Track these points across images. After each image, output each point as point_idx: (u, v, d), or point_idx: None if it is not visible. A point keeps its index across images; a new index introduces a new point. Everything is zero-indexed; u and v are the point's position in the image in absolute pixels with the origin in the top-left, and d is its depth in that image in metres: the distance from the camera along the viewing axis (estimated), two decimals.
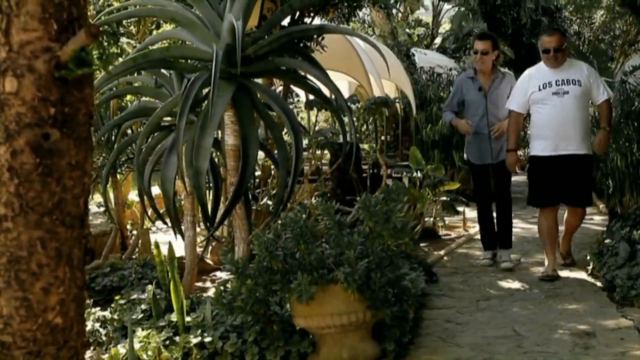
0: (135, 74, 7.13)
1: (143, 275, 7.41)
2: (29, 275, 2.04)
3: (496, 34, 23.59)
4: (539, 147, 7.64)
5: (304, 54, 6.86)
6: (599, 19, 26.13)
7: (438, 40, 23.12)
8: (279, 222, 5.24)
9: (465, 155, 8.89)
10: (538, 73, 7.76)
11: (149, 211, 7.55)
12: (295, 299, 4.82)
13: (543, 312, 6.31)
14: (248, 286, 4.90)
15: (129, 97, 8.58)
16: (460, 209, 10.31)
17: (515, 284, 7.46)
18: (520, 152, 9.63)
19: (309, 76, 6.53)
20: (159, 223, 9.72)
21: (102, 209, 9.73)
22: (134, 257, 8.46)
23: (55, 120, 2.02)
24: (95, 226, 9.62)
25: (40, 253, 2.04)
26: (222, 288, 5.31)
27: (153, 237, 8.88)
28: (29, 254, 2.02)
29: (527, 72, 7.97)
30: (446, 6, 23.16)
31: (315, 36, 8.76)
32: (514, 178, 17.78)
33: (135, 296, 5.95)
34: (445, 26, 24.66)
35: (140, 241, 8.55)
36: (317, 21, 9.94)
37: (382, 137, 13.99)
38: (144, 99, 7.40)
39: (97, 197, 10.06)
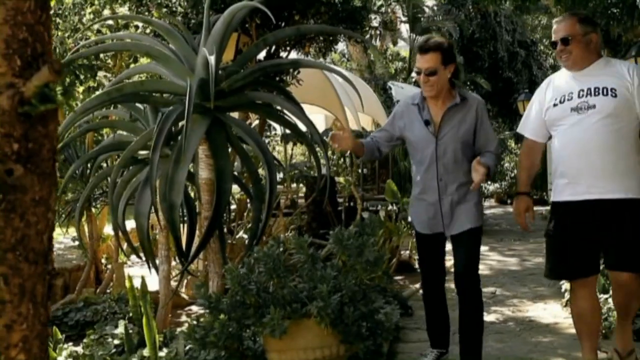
0: (112, 108, 7.13)
1: (117, 309, 7.36)
2: None
3: (473, 67, 24.05)
4: (560, 190, 5.12)
5: (279, 88, 6.88)
6: None
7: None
8: (254, 255, 5.22)
9: (409, 217, 6.48)
10: (557, 81, 5.24)
11: (124, 245, 7.51)
12: (269, 334, 4.80)
13: (517, 345, 6.32)
14: (221, 321, 4.88)
15: (105, 130, 8.57)
16: None
17: (490, 317, 7.47)
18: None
19: (284, 110, 6.56)
20: (134, 257, 9.68)
21: (76, 242, 9.68)
22: (108, 291, 8.41)
23: (19, 156, 2.01)
24: (69, 260, 9.57)
25: (3, 289, 2.01)
26: (194, 323, 5.27)
27: (128, 271, 8.84)
28: None
29: (546, 80, 5.49)
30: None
31: (290, 70, 8.81)
32: (490, 210, 17.95)
33: (107, 331, 5.90)
34: None
35: (114, 275, 8.50)
36: (293, 55, 9.99)
37: (359, 171, 14.01)
38: (119, 132, 7.39)
39: (72, 231, 10.01)
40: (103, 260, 9.68)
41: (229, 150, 6.47)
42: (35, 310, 2.09)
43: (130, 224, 7.39)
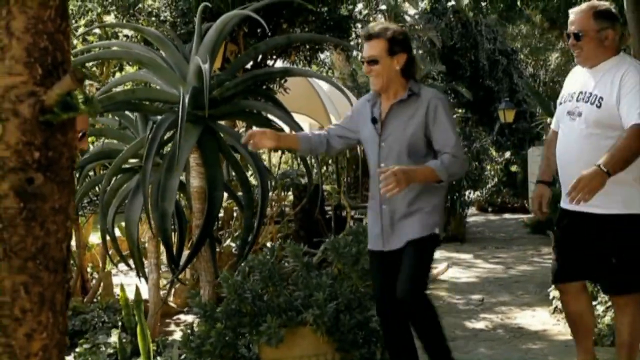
0: (98, 116, 7.11)
1: (106, 318, 7.32)
2: (12, 321, 2.01)
3: (454, 76, 24.13)
4: (563, 194, 4.79)
5: (268, 96, 6.90)
6: (554, 61, 26.59)
7: None
8: (248, 264, 5.22)
9: None
10: (573, 75, 4.96)
11: (110, 252, 7.48)
12: (265, 342, 4.80)
13: (508, 353, 6.34)
14: (217, 330, 4.88)
15: (90, 138, 8.54)
16: None
17: (479, 324, 7.49)
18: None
19: (272, 118, 6.57)
20: (120, 265, 9.65)
21: None
22: (95, 300, 8.37)
23: (40, 165, 2.02)
24: None
25: (24, 298, 2.02)
26: (189, 331, 5.26)
27: (114, 280, 8.81)
28: (12, 299, 2.00)
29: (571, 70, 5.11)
30: None
31: (277, 78, 8.84)
32: (472, 218, 17.99)
33: (100, 340, 5.88)
34: None
35: (102, 284, 8.46)
36: (279, 63, 10.01)
37: (343, 179, 14.03)
38: (107, 140, 7.37)
39: None
40: (88, 269, 9.62)
41: (220, 158, 6.47)
42: (54, 319, 2.10)
43: (116, 233, 7.37)
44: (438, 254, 10.66)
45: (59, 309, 2.11)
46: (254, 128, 5.66)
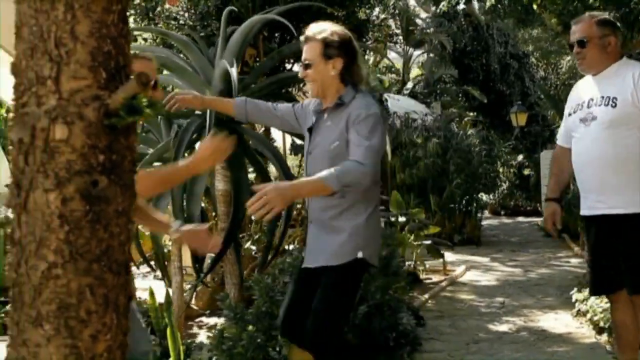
0: None
1: None
2: (77, 323, 2.03)
3: (465, 79, 24.15)
4: (581, 204, 4.89)
5: (290, 99, 6.92)
6: (565, 64, 26.58)
7: (410, 85, 23.37)
8: (278, 266, 5.24)
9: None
10: (578, 88, 5.01)
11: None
12: (296, 345, 4.81)
13: (534, 355, 6.34)
14: (249, 332, 4.89)
15: None
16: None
17: (502, 327, 7.49)
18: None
19: None
20: (138, 268, 9.68)
21: None
22: None
23: (104, 168, 2.04)
24: None
25: (89, 300, 2.03)
26: (218, 334, 5.28)
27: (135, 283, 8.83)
28: (78, 301, 2.02)
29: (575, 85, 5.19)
30: (416, 52, 23.47)
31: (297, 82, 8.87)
32: (485, 222, 17.99)
33: None
34: (414, 72, 24.96)
35: None
36: (296, 67, 10.03)
37: None
38: None
39: None
40: None
41: (245, 161, 6.50)
42: (118, 321, 2.12)
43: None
44: (455, 257, 10.73)
45: (121, 310, 2.13)
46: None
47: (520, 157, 23.70)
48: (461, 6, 23.06)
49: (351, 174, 3.80)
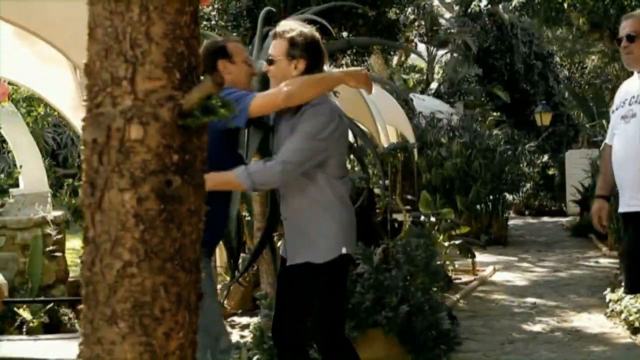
0: None
1: None
2: (152, 321, 2.05)
3: (489, 79, 24.09)
4: (619, 201, 4.85)
5: None
6: (590, 63, 26.47)
7: (434, 86, 23.36)
8: None
9: None
10: (624, 85, 4.95)
11: None
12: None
13: (570, 355, 6.33)
14: None
15: None
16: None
17: (536, 327, 7.49)
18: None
19: None
20: None
21: None
22: None
23: (178, 168, 2.06)
24: None
25: (163, 298, 2.06)
26: (258, 333, 5.30)
27: None
28: (153, 299, 2.04)
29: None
30: (440, 52, 23.45)
31: None
32: (510, 222, 17.94)
33: None
34: (438, 71, 24.94)
35: None
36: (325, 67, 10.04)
37: (398, 182, 14.07)
38: None
39: None
40: None
41: None
42: (190, 319, 2.14)
43: None
44: (484, 257, 10.69)
45: (192, 308, 2.15)
46: None
47: (544, 157, 23.61)
48: (486, 5, 23.06)
49: (267, 174, 3.87)
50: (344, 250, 4.03)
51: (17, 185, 7.65)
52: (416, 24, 14.23)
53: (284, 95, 3.88)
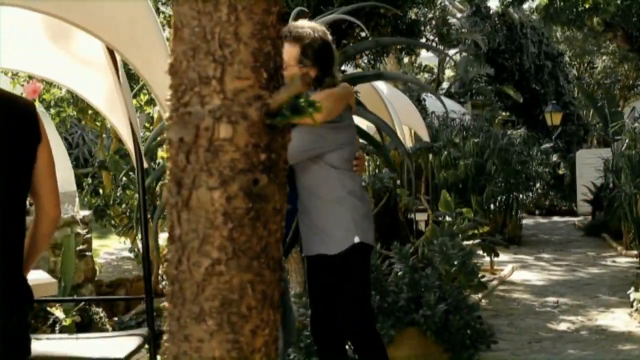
0: None
1: None
2: (239, 318, 2.07)
3: (499, 79, 24.05)
4: None
5: (358, 101, 6.94)
6: (600, 63, 26.45)
7: (445, 85, 23.34)
8: None
9: None
10: None
11: None
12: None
13: (600, 354, 6.35)
14: None
15: None
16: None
17: (561, 326, 7.50)
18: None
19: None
20: None
21: (131, 254, 9.77)
22: None
23: (264, 166, 2.07)
24: (128, 271, 9.63)
25: (250, 296, 2.07)
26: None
27: None
28: (240, 297, 2.06)
29: None
30: (451, 51, 23.42)
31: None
32: (524, 221, 17.93)
33: None
34: (448, 71, 24.90)
35: None
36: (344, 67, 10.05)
37: (422, 181, 14.08)
38: None
39: (126, 243, 10.04)
40: (159, 271, 9.71)
41: None
42: (274, 316, 2.15)
43: None
44: (500, 257, 10.63)
45: (276, 306, 2.17)
46: None
47: (554, 157, 23.60)
48: (505, 6, 22.97)
49: None
50: (356, 240, 4.03)
51: None
52: (433, 22, 14.17)
53: (325, 113, 3.84)
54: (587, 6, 9.62)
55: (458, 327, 4.93)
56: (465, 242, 9.63)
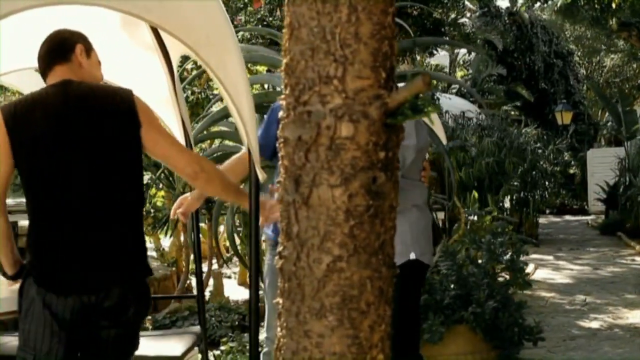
0: None
1: (222, 317, 7.48)
2: (358, 314, 2.10)
3: (510, 78, 24.04)
4: None
5: None
6: (609, 62, 26.47)
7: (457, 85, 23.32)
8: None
9: None
10: None
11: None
12: (426, 340, 4.87)
13: (637, 352, 6.37)
14: None
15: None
16: None
17: (594, 324, 7.53)
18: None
19: None
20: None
21: (155, 253, 9.82)
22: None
23: (382, 164, 2.11)
24: (154, 270, 9.65)
25: (369, 292, 2.11)
26: None
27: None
28: (359, 293, 2.09)
29: None
30: (462, 50, 23.41)
31: None
32: (543, 219, 17.93)
33: (246, 339, 5.99)
34: (460, 71, 24.88)
35: (212, 284, 8.57)
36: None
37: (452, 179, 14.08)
38: (225, 142, 7.49)
39: (151, 242, 10.06)
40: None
41: None
42: (389, 312, 2.19)
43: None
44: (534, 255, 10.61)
45: (390, 302, 2.20)
46: None
47: (565, 156, 23.59)
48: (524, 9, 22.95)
49: None
50: (412, 256, 3.88)
51: None
52: (459, 21, 14.16)
53: None
54: (613, 5, 9.63)
55: (507, 324, 4.97)
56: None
